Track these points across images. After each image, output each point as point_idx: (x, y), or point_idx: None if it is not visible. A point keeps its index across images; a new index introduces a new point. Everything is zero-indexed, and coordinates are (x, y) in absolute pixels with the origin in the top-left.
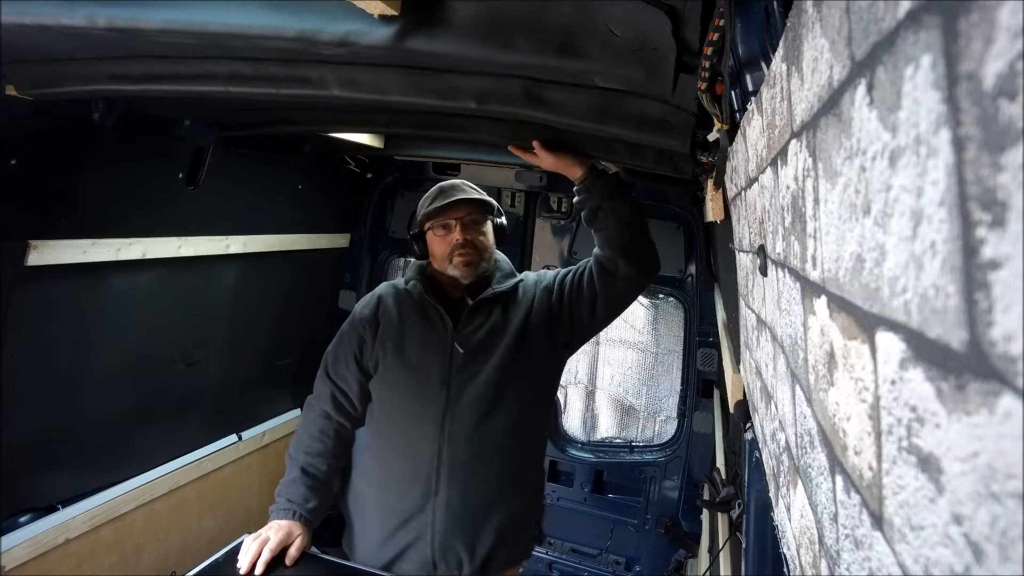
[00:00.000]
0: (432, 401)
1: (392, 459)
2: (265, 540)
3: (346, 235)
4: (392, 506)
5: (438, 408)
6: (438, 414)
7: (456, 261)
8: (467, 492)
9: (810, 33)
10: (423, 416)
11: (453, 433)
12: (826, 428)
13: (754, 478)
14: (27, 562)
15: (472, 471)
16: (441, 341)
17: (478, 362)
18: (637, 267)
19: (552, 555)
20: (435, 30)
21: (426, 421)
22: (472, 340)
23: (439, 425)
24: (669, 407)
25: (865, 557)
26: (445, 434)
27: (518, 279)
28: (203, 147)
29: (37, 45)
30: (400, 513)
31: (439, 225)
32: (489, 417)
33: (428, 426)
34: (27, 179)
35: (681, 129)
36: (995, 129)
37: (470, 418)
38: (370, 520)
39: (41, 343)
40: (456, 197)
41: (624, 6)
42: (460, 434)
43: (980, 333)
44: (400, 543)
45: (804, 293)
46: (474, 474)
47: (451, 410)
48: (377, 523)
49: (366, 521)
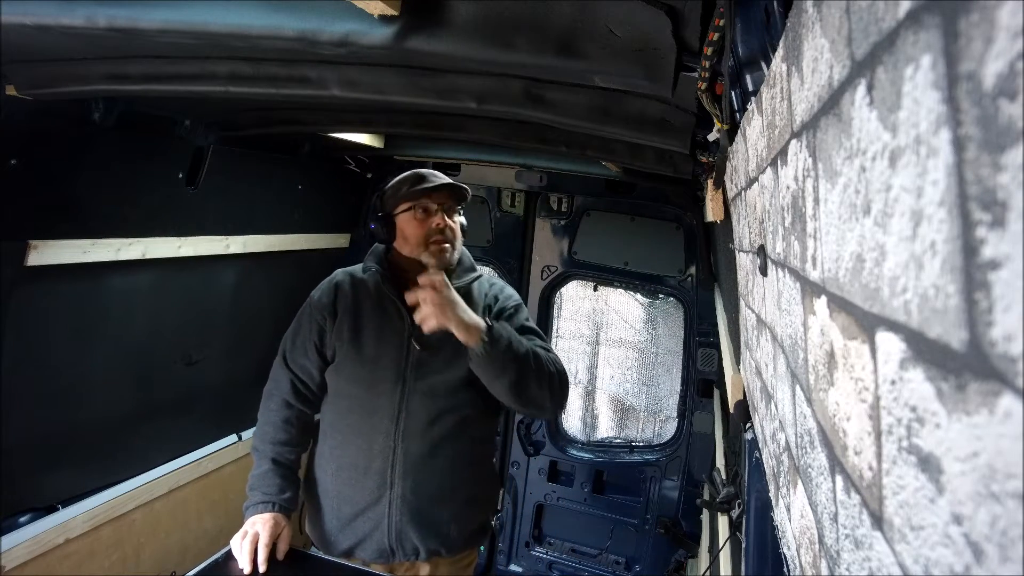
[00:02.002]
0: (388, 395)
1: (347, 449)
2: (256, 536)
3: (346, 235)
4: (348, 496)
5: (393, 402)
6: (393, 409)
7: (432, 248)
8: (421, 485)
9: (810, 33)
10: (378, 410)
11: (408, 428)
12: (826, 428)
13: (754, 478)
14: (27, 562)
15: (426, 464)
16: (398, 334)
17: (434, 359)
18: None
19: (552, 555)
20: (435, 30)
21: (381, 415)
22: (429, 337)
23: (394, 420)
24: (669, 407)
25: (865, 557)
26: (400, 429)
27: (477, 275)
28: (203, 147)
29: (37, 45)
30: (356, 503)
31: (420, 208)
32: (444, 414)
33: (383, 420)
34: (27, 179)
35: (681, 129)
36: (995, 129)
37: (425, 414)
38: (326, 506)
39: (41, 343)
40: (439, 182)
41: (624, 6)
42: (415, 429)
43: (980, 333)
44: (358, 532)
45: (804, 293)
46: (428, 468)
47: (406, 405)
48: (333, 510)
49: (322, 507)
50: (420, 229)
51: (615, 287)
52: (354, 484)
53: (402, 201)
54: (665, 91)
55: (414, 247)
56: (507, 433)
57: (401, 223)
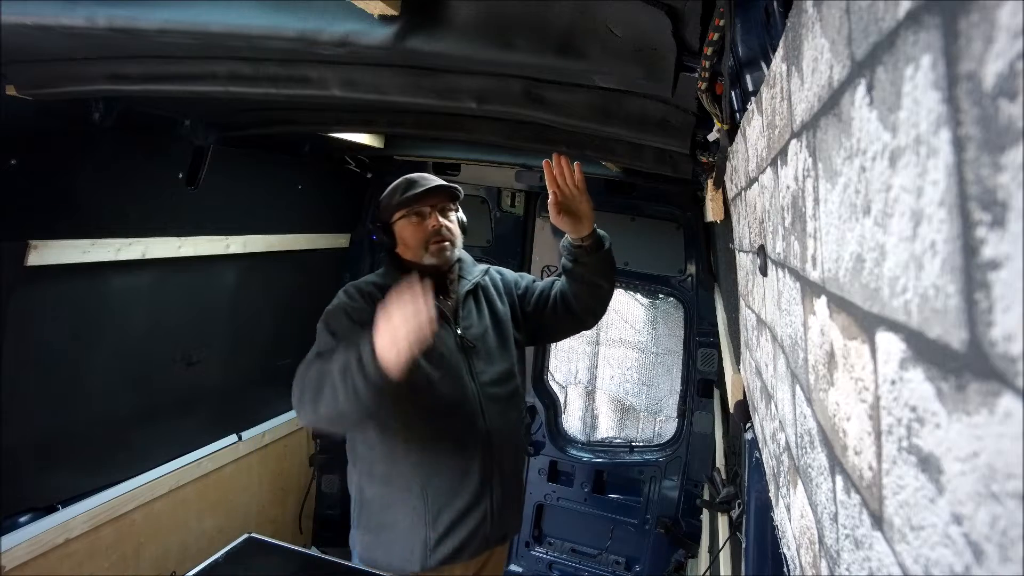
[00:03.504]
0: (463, 396)
1: (437, 459)
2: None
3: (346, 235)
4: (446, 504)
5: (472, 401)
6: (474, 407)
7: (433, 248)
8: (506, 469)
9: (810, 33)
10: (457, 411)
11: (491, 420)
12: (826, 428)
13: (754, 478)
14: (27, 562)
15: (508, 448)
16: (449, 336)
17: (484, 352)
18: (590, 321)
19: (552, 555)
20: (435, 30)
21: (464, 416)
22: (473, 330)
23: (479, 415)
24: (669, 407)
25: (865, 557)
26: (486, 423)
27: (486, 267)
28: (203, 147)
29: (37, 45)
30: (455, 509)
31: (413, 213)
32: (509, 399)
33: (468, 420)
34: (27, 179)
35: (681, 129)
36: (995, 129)
37: (498, 405)
38: (412, 527)
39: (41, 343)
40: (429, 185)
41: (624, 6)
42: (496, 419)
43: (980, 333)
44: (461, 536)
45: (804, 293)
46: (510, 452)
47: (482, 401)
48: (426, 526)
49: (403, 530)
50: (418, 233)
51: (615, 287)
52: (452, 491)
53: (396, 209)
54: (665, 91)
55: (415, 251)
56: None
57: (399, 230)
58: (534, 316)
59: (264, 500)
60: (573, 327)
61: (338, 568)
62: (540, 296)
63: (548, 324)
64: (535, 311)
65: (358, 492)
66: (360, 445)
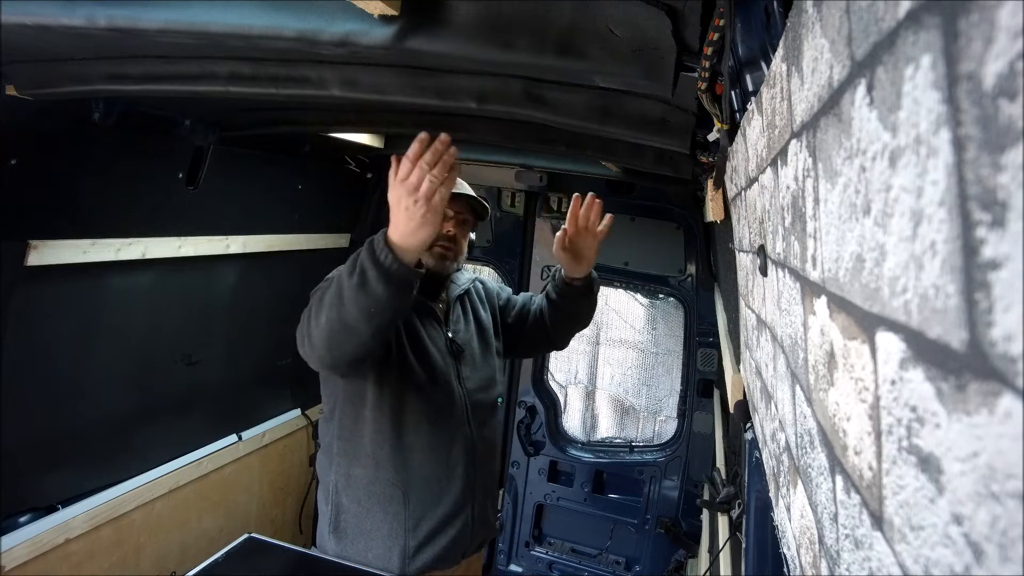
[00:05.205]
0: (450, 402)
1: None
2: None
3: (346, 235)
4: (428, 513)
5: (460, 406)
6: (461, 413)
7: (435, 251)
8: (488, 479)
9: (810, 33)
10: (445, 418)
11: (476, 428)
12: (826, 428)
13: (754, 478)
14: (27, 562)
15: (490, 460)
16: (441, 339)
17: (470, 357)
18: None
19: (552, 555)
20: (435, 30)
21: (450, 422)
22: (461, 335)
23: (465, 422)
24: (669, 407)
25: (865, 557)
26: (472, 431)
27: (473, 276)
28: (203, 147)
29: (37, 45)
30: (436, 517)
31: None
32: (493, 406)
33: (454, 426)
34: (27, 179)
35: (681, 129)
36: (995, 129)
37: (483, 411)
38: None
39: (41, 343)
40: (461, 191)
41: (624, 6)
42: (481, 427)
43: (980, 333)
44: (441, 544)
45: (804, 293)
46: (491, 463)
47: (469, 407)
48: (406, 534)
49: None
50: None
51: (615, 287)
52: (435, 499)
53: None
54: (665, 91)
55: None
56: (507, 433)
57: None
58: (513, 329)
59: (264, 500)
60: (546, 346)
61: (338, 568)
62: (521, 311)
63: (524, 338)
64: (515, 324)
65: (333, 496)
66: (337, 445)
